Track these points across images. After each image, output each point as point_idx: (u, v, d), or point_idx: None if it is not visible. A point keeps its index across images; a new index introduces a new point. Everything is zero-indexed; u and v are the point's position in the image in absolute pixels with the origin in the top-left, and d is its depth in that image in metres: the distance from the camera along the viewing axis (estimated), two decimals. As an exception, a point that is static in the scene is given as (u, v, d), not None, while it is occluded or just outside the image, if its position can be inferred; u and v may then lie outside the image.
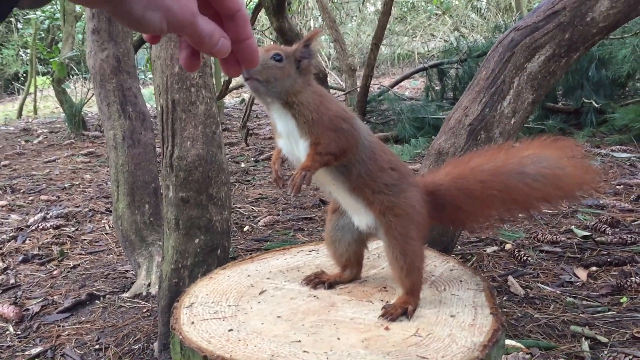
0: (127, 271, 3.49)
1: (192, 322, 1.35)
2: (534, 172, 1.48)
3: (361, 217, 1.48)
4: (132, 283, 3.24)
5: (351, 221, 1.53)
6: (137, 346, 2.65)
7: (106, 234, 4.23)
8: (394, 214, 1.41)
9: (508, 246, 3.44)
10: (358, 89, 7.35)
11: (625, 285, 2.79)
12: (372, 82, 7.38)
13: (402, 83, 10.58)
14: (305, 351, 1.20)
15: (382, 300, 1.44)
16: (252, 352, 1.20)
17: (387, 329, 1.29)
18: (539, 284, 2.93)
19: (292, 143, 1.40)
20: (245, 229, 4.11)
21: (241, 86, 9.72)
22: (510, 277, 2.99)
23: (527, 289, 2.89)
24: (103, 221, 4.53)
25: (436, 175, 1.57)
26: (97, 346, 2.69)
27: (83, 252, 3.87)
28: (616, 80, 6.17)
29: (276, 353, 1.19)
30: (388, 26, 8.91)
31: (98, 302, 3.12)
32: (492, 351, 1.20)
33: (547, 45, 2.25)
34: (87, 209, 4.83)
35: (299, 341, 1.24)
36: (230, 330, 1.30)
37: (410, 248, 1.40)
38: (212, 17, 0.87)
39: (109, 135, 3.33)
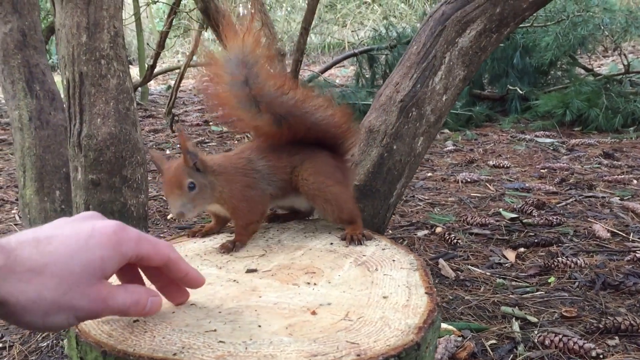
0: (36, 264, 3.21)
1: (93, 314, 1.17)
2: None
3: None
4: (42, 276, 2.98)
5: None
6: (45, 344, 2.41)
7: (16, 224, 3.90)
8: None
9: (438, 230, 3.41)
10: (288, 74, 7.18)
11: (552, 265, 2.81)
12: (302, 69, 7.24)
13: (333, 71, 10.51)
14: (221, 341, 1.06)
15: (308, 284, 1.31)
16: (159, 345, 1.04)
17: (313, 313, 1.16)
18: (469, 266, 2.91)
19: None
20: (169, 217, 3.90)
21: (167, 71, 9.37)
22: (441, 260, 2.95)
23: (458, 272, 2.85)
24: (13, 211, 4.19)
25: None
26: (0, 345, 2.44)
27: (-12, 245, 3.55)
28: (539, 68, 6.32)
29: (187, 345, 1.04)
30: (318, 14, 8.80)
31: (2, 297, 2.84)
32: (427, 333, 1.10)
33: (478, 19, 2.18)
34: (-5, 199, 4.45)
35: (215, 330, 1.10)
36: (135, 321, 1.14)
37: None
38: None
39: (13, 115, 3.03)
